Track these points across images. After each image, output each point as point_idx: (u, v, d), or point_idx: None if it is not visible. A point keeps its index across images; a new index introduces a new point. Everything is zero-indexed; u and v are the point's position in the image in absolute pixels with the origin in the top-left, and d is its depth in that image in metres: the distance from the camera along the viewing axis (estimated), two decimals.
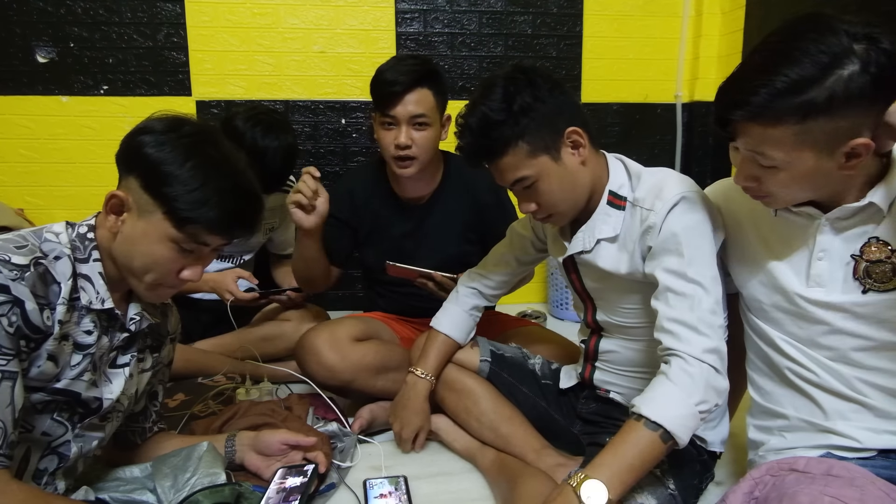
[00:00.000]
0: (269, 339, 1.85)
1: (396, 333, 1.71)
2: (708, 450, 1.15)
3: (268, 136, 1.74)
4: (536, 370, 1.41)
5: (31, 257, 0.84)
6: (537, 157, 1.07)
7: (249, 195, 0.95)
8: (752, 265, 1.05)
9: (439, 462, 1.38)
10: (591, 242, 1.14)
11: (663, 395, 0.96)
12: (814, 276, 0.97)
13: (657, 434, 0.93)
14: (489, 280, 1.41)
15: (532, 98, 1.06)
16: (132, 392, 1.05)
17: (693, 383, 0.96)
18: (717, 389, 0.98)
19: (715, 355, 0.98)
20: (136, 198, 0.91)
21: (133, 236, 0.91)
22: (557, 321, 2.53)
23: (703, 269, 1.02)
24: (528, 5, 2.55)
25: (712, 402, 0.97)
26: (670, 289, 1.02)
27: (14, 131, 2.35)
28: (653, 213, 1.06)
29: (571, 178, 1.10)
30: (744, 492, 0.89)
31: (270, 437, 1.19)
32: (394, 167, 1.53)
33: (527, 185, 1.10)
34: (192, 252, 0.94)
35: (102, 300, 0.93)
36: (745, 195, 0.99)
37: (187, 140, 0.91)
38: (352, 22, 2.46)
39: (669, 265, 1.03)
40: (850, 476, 0.81)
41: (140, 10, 2.34)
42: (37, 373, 0.86)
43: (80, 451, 0.96)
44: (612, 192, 1.13)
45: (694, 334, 0.98)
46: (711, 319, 1.00)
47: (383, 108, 1.49)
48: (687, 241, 1.02)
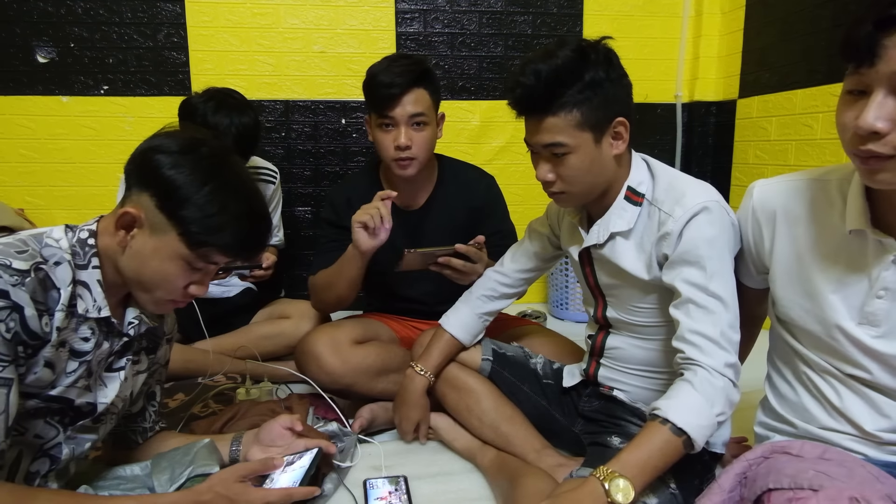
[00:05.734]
0: (268, 338, 1.86)
1: (396, 333, 1.70)
2: (710, 451, 1.15)
3: (218, 114, 1.75)
4: (538, 370, 1.41)
5: (31, 262, 0.83)
6: (582, 132, 1.06)
7: (262, 218, 0.97)
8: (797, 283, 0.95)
9: (439, 462, 1.38)
10: (604, 236, 1.14)
11: (689, 404, 0.98)
12: (867, 313, 0.87)
13: (681, 440, 0.96)
14: (507, 278, 1.40)
15: (605, 75, 1.05)
16: (126, 394, 1.05)
17: (716, 394, 0.98)
18: (733, 402, 1.01)
19: (733, 370, 1.01)
20: (149, 215, 0.90)
21: (143, 252, 0.91)
22: (557, 321, 2.53)
23: (724, 284, 1.03)
24: (528, 5, 2.56)
25: (728, 413, 1.01)
26: (692, 300, 1.03)
27: (14, 131, 2.36)
28: (671, 220, 1.05)
29: (600, 165, 1.10)
30: (736, 472, 0.89)
31: (271, 425, 1.18)
32: (394, 169, 1.53)
33: (558, 152, 1.08)
34: (201, 270, 0.95)
35: (99, 308, 0.93)
36: (809, 205, 0.91)
37: (206, 163, 0.91)
38: (352, 22, 2.46)
39: (691, 277, 1.04)
40: (841, 459, 0.80)
41: (140, 10, 2.34)
42: (33, 379, 0.86)
43: (71, 453, 0.96)
44: (630, 187, 1.13)
45: (717, 348, 1.00)
46: (731, 335, 1.02)
47: (381, 110, 1.48)
48: (709, 254, 1.02)
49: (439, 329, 1.40)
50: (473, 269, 1.44)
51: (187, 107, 1.79)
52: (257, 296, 2.06)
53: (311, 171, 2.57)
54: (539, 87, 1.04)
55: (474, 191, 1.65)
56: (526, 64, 1.06)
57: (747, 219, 1.02)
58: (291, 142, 2.53)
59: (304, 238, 2.59)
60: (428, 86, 1.51)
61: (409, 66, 1.48)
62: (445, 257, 1.43)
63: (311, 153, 2.55)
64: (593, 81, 1.04)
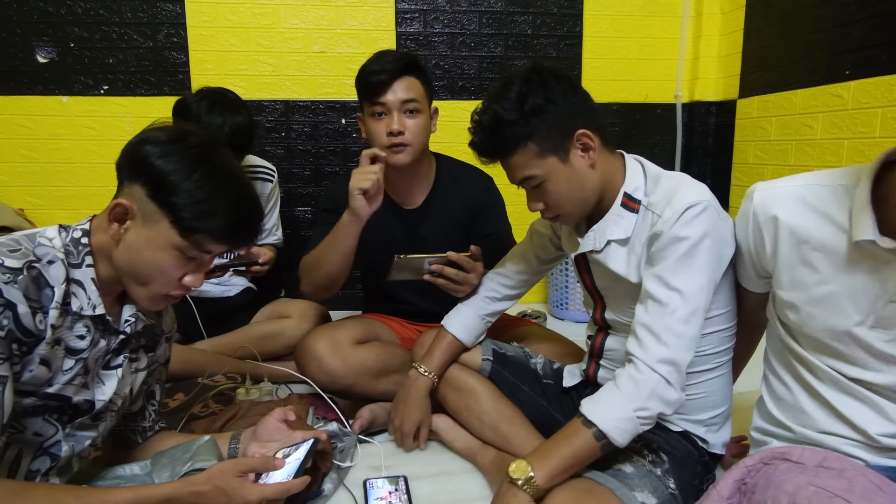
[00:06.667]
0: (269, 337, 1.86)
1: (397, 334, 1.70)
2: (710, 451, 1.16)
3: (211, 113, 1.76)
4: (538, 370, 1.41)
5: (24, 261, 0.84)
6: (546, 158, 1.08)
7: (253, 205, 0.98)
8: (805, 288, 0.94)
9: (439, 462, 1.38)
10: (601, 243, 1.14)
11: (605, 398, 1.03)
12: (882, 317, 0.87)
13: (590, 432, 1.01)
14: (508, 279, 1.40)
15: (544, 100, 1.06)
16: (126, 392, 1.05)
17: (637, 391, 1.00)
18: (665, 400, 1.01)
19: (670, 366, 1.00)
20: (141, 206, 0.91)
21: (137, 244, 0.92)
22: (557, 321, 2.53)
23: (689, 278, 1.01)
24: (528, 5, 2.56)
25: (655, 410, 1.01)
26: (650, 294, 1.04)
27: (14, 131, 2.36)
28: (661, 221, 1.05)
29: (579, 180, 1.10)
30: (734, 478, 0.89)
31: (266, 420, 1.18)
32: (387, 156, 1.50)
33: (534, 184, 1.11)
34: (195, 259, 0.95)
35: (94, 306, 0.93)
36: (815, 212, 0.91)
37: (194, 151, 0.92)
38: (352, 22, 2.46)
39: (657, 271, 1.04)
40: (841, 468, 0.80)
41: (140, 10, 2.34)
42: (29, 377, 0.86)
43: (71, 450, 0.96)
44: (626, 194, 1.13)
45: (655, 342, 1.01)
46: (681, 329, 1.01)
47: (373, 97, 1.48)
48: (680, 250, 1.02)
49: (441, 330, 1.40)
50: (467, 279, 1.39)
51: (181, 106, 1.80)
52: (257, 295, 2.06)
53: (311, 171, 2.57)
54: (488, 138, 1.11)
55: (473, 191, 1.65)
56: (474, 121, 1.13)
57: (747, 222, 1.00)
58: (291, 142, 2.53)
59: (304, 238, 2.58)
60: (419, 75, 1.51)
61: (399, 56, 1.50)
62: (438, 265, 1.37)
63: (311, 153, 2.55)
64: (533, 111, 1.06)
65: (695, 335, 1.02)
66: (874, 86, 1.84)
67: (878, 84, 1.83)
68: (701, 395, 1.14)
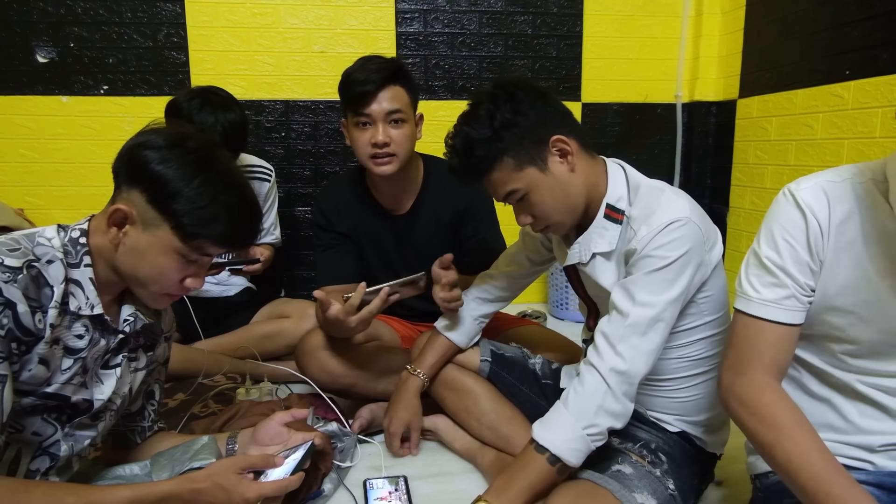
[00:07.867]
0: (268, 337, 1.86)
1: (398, 333, 1.70)
2: (708, 451, 1.16)
3: (203, 111, 1.76)
4: (537, 370, 1.41)
5: (23, 260, 0.84)
6: (524, 170, 1.08)
7: (253, 207, 0.98)
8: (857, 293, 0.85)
9: (439, 462, 1.38)
10: (586, 255, 1.14)
11: (555, 420, 1.03)
12: None
13: (544, 457, 1.00)
14: (500, 281, 1.40)
15: (512, 112, 1.06)
16: (125, 391, 1.05)
17: (583, 408, 1.01)
18: (612, 413, 1.01)
19: (620, 378, 1.00)
20: (140, 211, 0.91)
21: (137, 248, 0.92)
22: (557, 321, 2.54)
23: (656, 291, 1.00)
24: (528, 5, 2.56)
25: (604, 425, 1.01)
26: (614, 305, 1.04)
27: (14, 131, 2.36)
28: (636, 239, 1.04)
29: (562, 187, 1.10)
30: None
31: (267, 423, 1.18)
32: (371, 167, 1.49)
33: (518, 197, 1.11)
34: (195, 262, 0.96)
35: (92, 306, 0.93)
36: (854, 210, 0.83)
37: (193, 156, 0.92)
38: (352, 22, 2.46)
39: (625, 282, 1.04)
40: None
41: (140, 10, 2.35)
42: (28, 376, 0.86)
43: (70, 450, 0.96)
44: (609, 205, 1.11)
45: (611, 352, 1.01)
46: (638, 342, 1.00)
47: (357, 108, 1.46)
48: (651, 266, 1.00)
49: (434, 331, 1.40)
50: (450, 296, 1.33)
51: (173, 106, 1.79)
52: (257, 295, 2.06)
53: (311, 171, 2.57)
54: (464, 161, 1.11)
55: (459, 192, 1.61)
56: (448, 146, 1.13)
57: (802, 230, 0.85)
58: (291, 142, 2.53)
59: (303, 238, 2.60)
60: (404, 84, 1.49)
61: (383, 64, 1.47)
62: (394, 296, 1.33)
63: (311, 153, 2.55)
64: (504, 125, 1.06)
65: (653, 349, 1.01)
66: (874, 86, 1.84)
67: (878, 84, 1.83)
68: (697, 397, 1.14)
